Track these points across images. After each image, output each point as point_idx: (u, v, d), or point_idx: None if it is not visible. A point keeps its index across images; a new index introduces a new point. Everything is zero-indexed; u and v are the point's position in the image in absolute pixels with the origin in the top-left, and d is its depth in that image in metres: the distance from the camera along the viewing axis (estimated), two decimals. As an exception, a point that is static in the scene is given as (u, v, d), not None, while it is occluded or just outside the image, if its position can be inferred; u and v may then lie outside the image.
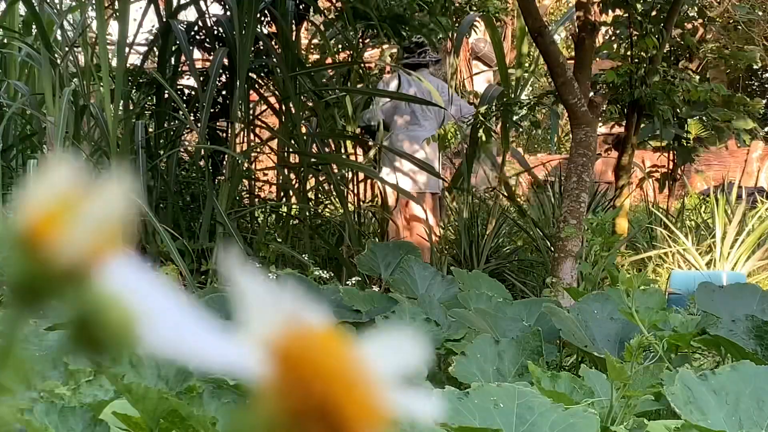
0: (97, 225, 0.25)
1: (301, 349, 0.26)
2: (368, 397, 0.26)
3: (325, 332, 0.26)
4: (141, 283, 0.26)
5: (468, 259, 5.29)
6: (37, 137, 5.04)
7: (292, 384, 0.25)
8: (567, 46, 11.27)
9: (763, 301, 2.89)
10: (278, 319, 0.26)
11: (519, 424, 1.62)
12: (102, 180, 0.26)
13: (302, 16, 5.29)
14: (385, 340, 0.27)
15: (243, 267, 0.26)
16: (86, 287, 0.25)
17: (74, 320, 0.25)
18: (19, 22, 5.67)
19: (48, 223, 0.25)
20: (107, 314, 0.25)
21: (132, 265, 0.26)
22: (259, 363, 0.26)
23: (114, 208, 0.26)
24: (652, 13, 5.11)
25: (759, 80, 16.64)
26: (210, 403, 1.58)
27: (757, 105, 5.57)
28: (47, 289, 0.25)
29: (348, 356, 0.26)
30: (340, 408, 0.25)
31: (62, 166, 0.26)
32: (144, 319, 0.25)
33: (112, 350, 0.25)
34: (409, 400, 0.27)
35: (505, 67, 5.86)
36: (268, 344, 0.26)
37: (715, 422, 1.71)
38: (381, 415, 0.26)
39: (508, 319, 2.72)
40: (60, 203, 0.26)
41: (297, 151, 4.98)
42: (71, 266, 0.25)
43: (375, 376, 0.26)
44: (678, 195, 6.49)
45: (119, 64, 4.24)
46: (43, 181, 0.26)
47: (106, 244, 0.26)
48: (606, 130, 6.56)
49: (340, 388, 0.25)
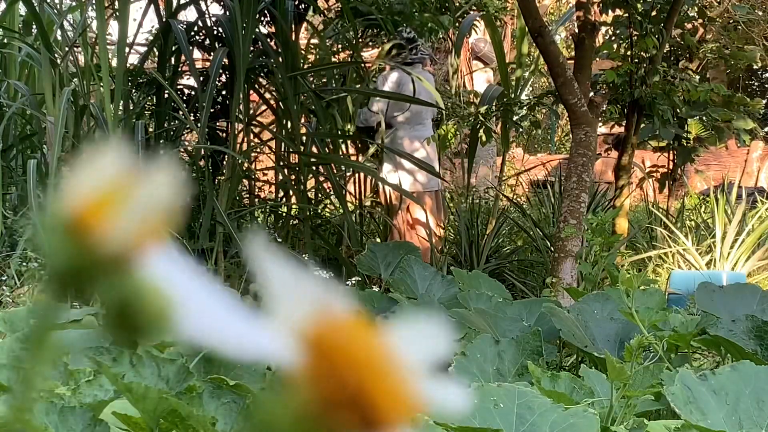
0: (143, 214, 0.25)
1: (333, 337, 0.26)
2: (400, 386, 0.26)
3: (355, 320, 0.26)
4: (179, 272, 0.26)
5: (468, 259, 5.29)
6: (37, 137, 5.04)
7: (324, 373, 0.25)
8: (567, 46, 11.27)
9: (763, 301, 2.89)
10: (308, 306, 0.26)
11: (519, 424, 1.62)
12: (149, 168, 0.26)
13: (302, 16, 5.29)
14: (412, 329, 0.27)
15: (271, 253, 0.26)
16: (127, 275, 0.25)
17: (113, 306, 0.25)
18: (19, 22, 5.67)
19: (94, 209, 0.25)
20: (146, 302, 0.25)
21: (171, 255, 0.26)
22: (291, 351, 0.26)
23: (160, 197, 0.26)
24: (652, 13, 5.11)
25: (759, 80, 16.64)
26: (210, 403, 1.58)
27: (757, 105, 5.57)
28: (89, 276, 0.26)
29: (379, 345, 0.26)
30: (372, 397, 0.25)
31: (111, 152, 0.26)
32: (181, 307, 0.26)
33: (149, 336, 0.26)
34: (438, 389, 0.27)
35: (505, 67, 5.87)
36: (300, 332, 0.26)
37: (715, 422, 1.71)
38: (412, 404, 0.26)
39: (508, 319, 2.72)
40: (107, 190, 0.26)
41: (297, 151, 4.98)
42: (115, 254, 0.25)
43: (405, 364, 0.26)
44: (678, 195, 6.49)
45: (119, 64, 4.24)
46: (91, 167, 0.26)
47: (150, 234, 0.26)
48: (606, 130, 6.56)
49: (372, 377, 0.25)
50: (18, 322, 2.16)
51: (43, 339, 0.27)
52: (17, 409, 0.27)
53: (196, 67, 4.77)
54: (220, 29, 4.91)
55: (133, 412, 1.53)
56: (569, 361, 3.04)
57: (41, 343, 0.27)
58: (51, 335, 0.27)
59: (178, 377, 1.64)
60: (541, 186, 6.86)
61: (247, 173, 5.11)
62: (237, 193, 4.86)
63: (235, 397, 1.61)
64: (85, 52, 4.87)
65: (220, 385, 1.62)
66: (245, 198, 5.26)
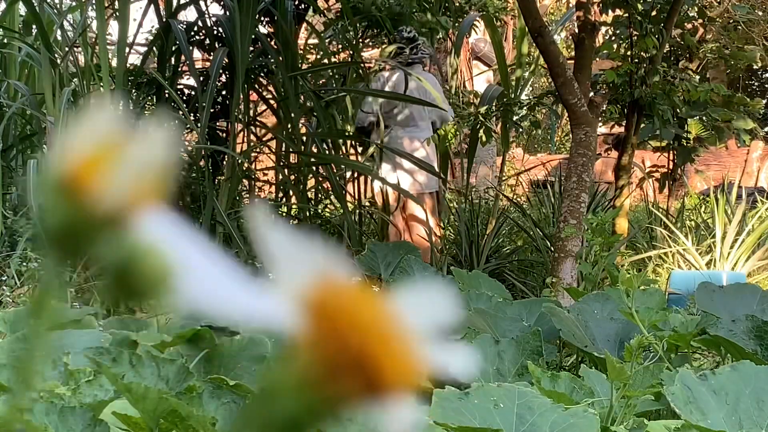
0: (137, 173, 0.25)
1: (335, 301, 0.26)
2: (404, 350, 0.26)
3: (359, 285, 0.26)
4: (177, 234, 0.26)
5: (468, 259, 5.29)
6: (37, 137, 5.04)
7: (327, 336, 0.25)
8: (567, 46, 11.27)
9: (763, 301, 2.89)
10: (310, 272, 0.26)
11: (519, 424, 1.62)
12: (144, 128, 0.26)
13: (302, 16, 5.29)
14: (417, 295, 0.27)
15: (271, 222, 0.26)
16: (124, 235, 0.25)
17: (111, 268, 0.25)
18: (19, 22, 5.67)
19: (89, 169, 0.25)
20: (144, 263, 0.25)
21: (168, 217, 0.26)
22: (294, 316, 0.25)
23: (155, 156, 0.25)
24: (652, 13, 5.11)
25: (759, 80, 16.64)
26: (210, 403, 1.58)
27: (757, 105, 5.57)
28: (86, 236, 0.25)
29: (383, 309, 0.26)
30: (376, 361, 0.25)
31: (104, 111, 0.26)
32: (179, 270, 0.25)
33: (148, 299, 0.25)
34: (443, 354, 0.27)
35: (505, 67, 5.87)
36: (302, 297, 0.26)
37: (715, 422, 1.71)
38: (417, 368, 0.26)
39: (508, 319, 2.72)
40: (101, 149, 0.25)
41: (297, 151, 4.98)
42: (111, 213, 0.25)
43: (410, 329, 0.26)
44: (678, 195, 6.49)
45: (119, 64, 4.24)
46: (85, 127, 0.26)
47: (146, 193, 0.25)
48: (606, 130, 6.56)
49: (376, 340, 0.25)
50: (18, 322, 2.16)
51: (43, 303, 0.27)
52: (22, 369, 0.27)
53: (196, 67, 4.77)
54: (220, 29, 4.91)
55: (133, 412, 1.53)
56: (569, 361, 3.04)
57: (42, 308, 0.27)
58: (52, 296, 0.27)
59: (178, 377, 1.64)
60: (541, 186, 6.86)
61: (247, 173, 5.11)
62: (237, 193, 4.86)
63: (235, 397, 1.61)
64: (85, 52, 4.87)
65: (220, 385, 1.62)
66: (245, 198, 5.26)
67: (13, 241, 3.99)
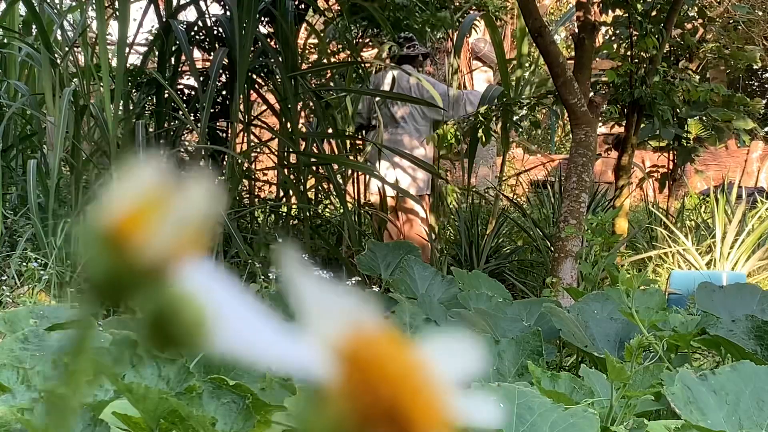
0: (180, 226, 0.26)
1: (368, 352, 0.26)
2: (434, 401, 0.26)
3: (389, 335, 0.26)
4: (215, 283, 0.27)
5: (468, 259, 5.29)
6: (37, 137, 5.04)
7: (360, 387, 0.25)
8: (567, 46, 11.28)
9: (763, 301, 2.89)
10: (342, 321, 0.26)
11: (519, 424, 1.62)
12: (186, 181, 0.26)
13: (302, 16, 5.29)
14: (443, 344, 0.28)
15: (302, 266, 0.26)
16: (164, 286, 0.26)
17: (150, 317, 0.26)
18: (19, 22, 5.67)
19: (133, 221, 0.26)
20: (182, 313, 0.26)
21: (207, 266, 0.27)
22: (326, 365, 0.26)
23: (197, 210, 0.26)
24: (652, 13, 5.11)
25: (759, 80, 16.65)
26: (210, 403, 1.58)
27: (757, 105, 5.57)
28: (127, 287, 0.26)
29: (413, 360, 0.26)
30: (407, 412, 0.25)
31: (148, 164, 0.26)
32: (216, 319, 0.26)
33: (184, 348, 0.26)
34: (471, 405, 0.27)
35: (506, 67, 5.87)
36: (335, 346, 0.26)
37: (715, 422, 1.71)
38: (446, 420, 0.26)
39: (508, 319, 2.72)
40: (145, 202, 0.26)
41: (297, 151, 4.98)
42: (152, 265, 0.25)
43: (439, 380, 0.26)
44: (678, 195, 6.49)
45: (119, 64, 4.24)
46: (130, 179, 0.26)
47: (187, 245, 0.26)
48: (606, 130, 6.56)
49: (407, 392, 0.26)
50: (18, 322, 2.16)
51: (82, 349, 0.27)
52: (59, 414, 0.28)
53: (196, 67, 4.77)
54: (220, 29, 4.91)
55: (133, 412, 1.53)
56: (569, 361, 3.04)
57: (80, 353, 0.27)
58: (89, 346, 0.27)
59: (178, 377, 1.64)
60: (541, 186, 6.86)
61: (247, 173, 5.11)
62: (237, 193, 4.86)
63: (235, 397, 1.61)
64: (85, 52, 4.87)
65: (220, 385, 1.62)
66: (245, 198, 5.26)
67: (13, 241, 3.99)
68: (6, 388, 1.58)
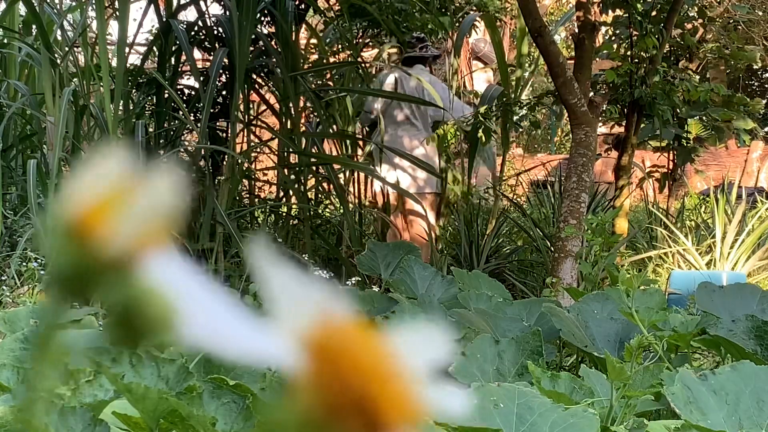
0: (145, 217, 0.26)
1: (337, 342, 0.26)
2: (404, 392, 0.26)
3: (358, 325, 0.26)
4: (181, 275, 0.27)
5: (468, 259, 5.29)
6: (37, 137, 5.04)
7: (328, 378, 0.25)
8: (567, 46, 11.28)
9: (763, 301, 2.89)
10: (311, 310, 0.26)
11: (519, 424, 1.62)
12: (151, 172, 0.26)
13: (302, 16, 5.29)
14: (412, 332, 0.27)
15: (272, 256, 0.26)
16: (129, 279, 0.26)
17: (115, 311, 0.26)
18: (19, 22, 5.67)
19: (97, 213, 0.26)
20: (148, 306, 0.25)
21: (173, 258, 0.27)
22: (295, 356, 0.26)
23: (162, 201, 0.26)
24: (652, 13, 5.11)
25: (759, 80, 16.65)
26: (210, 403, 1.58)
27: (757, 105, 5.57)
28: (92, 279, 0.26)
29: (381, 349, 0.26)
30: (376, 402, 0.25)
31: (112, 156, 0.26)
32: (183, 311, 0.26)
33: (151, 341, 0.26)
34: (440, 395, 0.27)
35: (505, 67, 5.86)
36: (303, 337, 0.26)
37: (715, 422, 1.71)
38: (415, 408, 0.26)
39: (508, 319, 2.72)
40: (109, 193, 0.26)
41: (297, 151, 4.98)
42: (117, 257, 0.25)
43: (409, 370, 0.26)
44: (678, 195, 6.49)
45: (119, 64, 4.24)
46: (93, 171, 0.26)
47: (152, 237, 0.26)
48: (606, 130, 6.56)
49: (376, 382, 0.25)
50: (18, 322, 2.16)
51: (48, 342, 0.27)
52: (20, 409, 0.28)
53: (196, 67, 4.77)
54: (220, 29, 4.91)
55: (133, 412, 1.53)
56: (569, 361, 3.04)
57: (46, 347, 0.27)
58: (55, 338, 0.27)
59: (178, 377, 1.64)
60: (541, 186, 6.86)
61: (247, 173, 5.11)
62: (237, 193, 4.86)
63: (235, 397, 1.61)
64: (85, 52, 4.87)
65: (220, 385, 1.62)
66: (245, 198, 5.26)
67: (13, 241, 3.99)
68: (6, 388, 1.58)
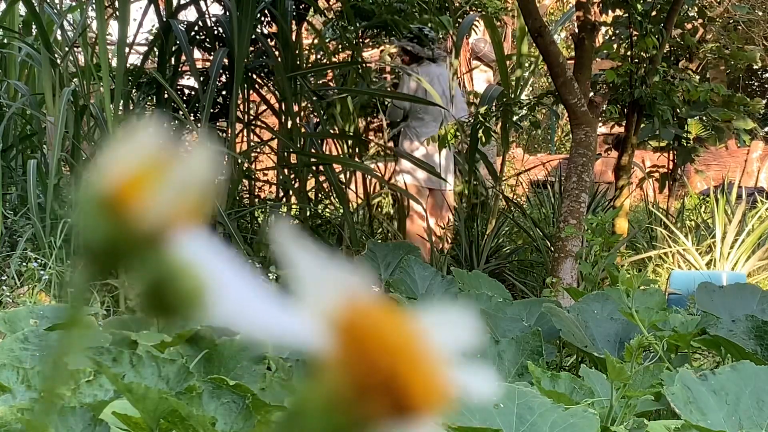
0: (180, 193, 0.25)
1: (365, 323, 0.26)
2: (432, 372, 0.26)
3: (385, 306, 0.26)
4: (212, 254, 0.26)
5: (468, 259, 5.29)
6: (37, 137, 5.04)
7: (357, 358, 0.25)
8: (567, 46, 11.27)
9: (763, 301, 2.89)
10: (338, 292, 0.26)
11: (519, 424, 1.62)
12: (187, 147, 0.26)
13: (302, 16, 5.30)
14: (440, 315, 0.27)
15: (297, 240, 0.26)
16: (162, 253, 0.25)
17: (147, 285, 0.26)
18: (19, 22, 5.67)
19: (131, 186, 0.25)
20: (179, 281, 0.25)
21: (204, 236, 0.26)
22: (323, 336, 0.26)
23: (197, 177, 0.26)
24: (652, 13, 5.11)
25: (759, 80, 16.65)
26: (210, 403, 1.58)
27: (757, 105, 5.57)
28: (124, 253, 0.26)
29: (410, 331, 0.26)
30: (404, 382, 0.25)
31: (148, 129, 0.26)
32: (213, 289, 0.26)
33: (181, 316, 0.26)
34: (467, 376, 0.27)
35: (505, 67, 5.87)
36: (331, 318, 0.26)
37: (715, 422, 1.71)
38: (444, 390, 0.26)
39: (508, 319, 2.72)
40: (144, 167, 0.26)
41: (297, 151, 4.98)
42: (150, 231, 0.25)
43: (437, 351, 0.26)
44: (678, 195, 6.48)
45: (119, 64, 4.24)
46: (129, 144, 0.26)
47: (186, 213, 0.26)
48: (606, 130, 6.56)
49: (404, 362, 0.25)
50: (18, 322, 2.16)
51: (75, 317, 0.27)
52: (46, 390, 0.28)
53: (196, 67, 4.77)
54: (220, 29, 4.91)
55: (133, 412, 1.53)
56: (569, 361, 3.04)
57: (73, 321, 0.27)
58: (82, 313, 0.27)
59: (178, 377, 1.64)
60: (541, 186, 6.86)
61: (247, 173, 5.11)
62: (237, 193, 4.86)
63: (235, 397, 1.61)
64: (85, 52, 4.87)
65: (220, 385, 1.62)
66: (245, 198, 5.26)
67: (13, 241, 3.99)
68: (6, 388, 1.58)
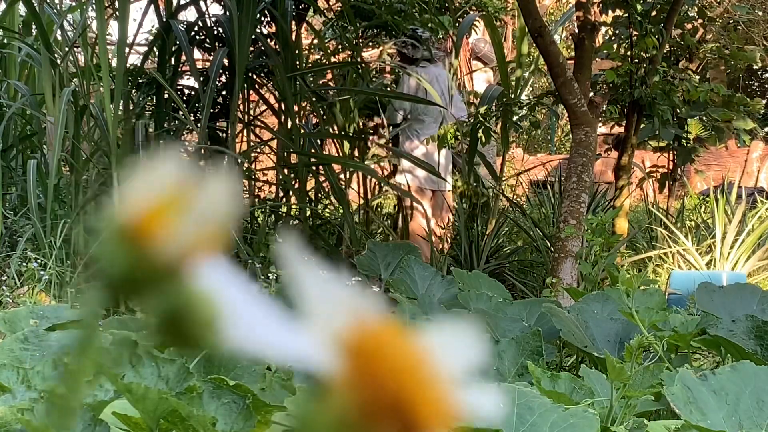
0: (199, 224, 0.26)
1: (372, 344, 0.26)
2: (439, 393, 0.26)
3: (392, 327, 0.26)
4: (226, 280, 0.27)
5: (468, 259, 5.29)
6: (37, 137, 5.04)
7: (364, 379, 0.25)
8: (567, 46, 11.27)
9: (763, 301, 2.89)
10: (345, 313, 0.26)
11: (519, 424, 1.62)
12: (207, 178, 0.26)
13: (302, 16, 5.30)
14: (446, 335, 0.27)
15: (303, 258, 0.26)
16: (179, 283, 0.26)
17: (163, 314, 0.26)
18: (19, 22, 5.67)
19: (151, 217, 0.26)
20: (195, 311, 0.26)
21: (222, 264, 0.27)
22: (331, 357, 0.26)
23: (217, 207, 0.26)
24: (652, 13, 5.11)
25: (759, 80, 16.65)
26: (210, 403, 1.58)
27: (757, 105, 5.57)
28: (143, 283, 0.26)
29: (417, 351, 0.26)
30: (412, 404, 0.25)
31: (169, 160, 0.26)
32: (228, 317, 0.26)
33: (196, 345, 0.26)
34: (475, 396, 0.27)
35: (505, 67, 5.86)
36: (339, 338, 0.26)
37: (715, 422, 1.71)
38: (451, 412, 0.26)
39: (508, 319, 2.72)
40: (164, 198, 0.26)
41: (297, 151, 4.98)
42: (170, 262, 0.25)
43: (444, 372, 0.26)
44: (678, 195, 6.49)
45: (119, 64, 4.23)
46: (149, 175, 0.26)
47: (205, 243, 0.26)
48: (606, 130, 6.56)
49: (411, 383, 0.25)
50: (18, 322, 2.16)
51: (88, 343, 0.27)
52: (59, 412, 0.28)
53: (196, 67, 4.77)
54: (220, 29, 4.91)
55: (133, 412, 1.53)
56: (569, 361, 3.04)
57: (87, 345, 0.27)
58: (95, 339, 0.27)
59: (178, 377, 1.64)
60: (541, 186, 6.86)
61: (247, 173, 5.11)
62: (237, 193, 4.85)
63: (235, 397, 1.61)
64: (85, 52, 4.87)
65: (220, 385, 1.62)
66: (245, 198, 5.26)
67: (13, 241, 3.99)
68: (6, 388, 1.58)
